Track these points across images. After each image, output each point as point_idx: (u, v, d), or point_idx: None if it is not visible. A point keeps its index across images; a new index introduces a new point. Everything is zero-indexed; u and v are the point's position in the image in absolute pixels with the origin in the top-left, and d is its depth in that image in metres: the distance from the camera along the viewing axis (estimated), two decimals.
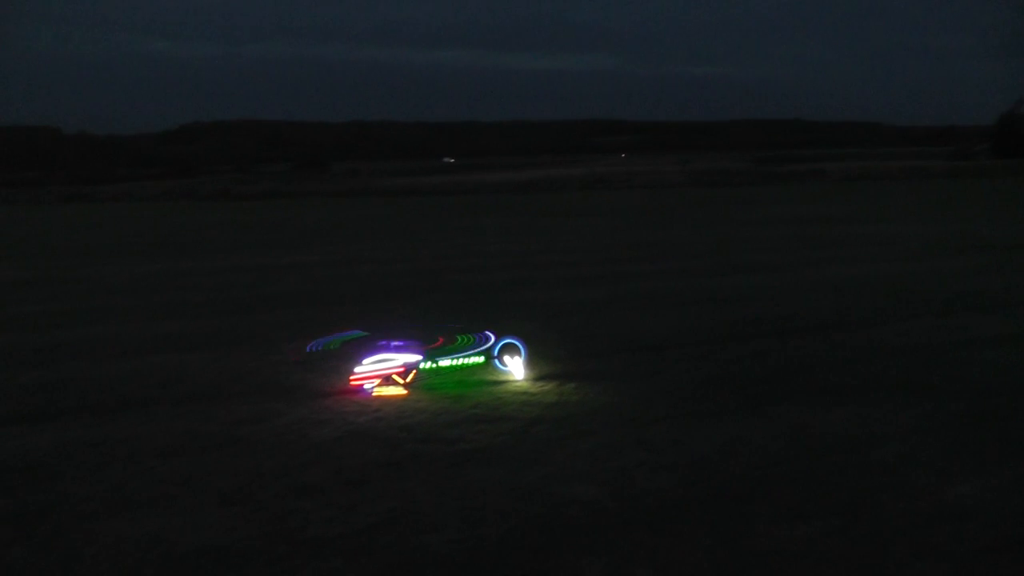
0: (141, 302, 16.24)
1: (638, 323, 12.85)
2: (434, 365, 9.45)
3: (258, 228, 33.82)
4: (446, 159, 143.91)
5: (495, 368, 9.86)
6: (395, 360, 9.31)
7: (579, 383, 9.43)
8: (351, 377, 9.27)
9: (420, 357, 9.45)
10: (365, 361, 9.28)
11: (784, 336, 11.40)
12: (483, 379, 9.75)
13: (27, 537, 5.88)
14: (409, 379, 9.31)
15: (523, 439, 7.62)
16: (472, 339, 10.13)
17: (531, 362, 10.27)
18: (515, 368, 9.75)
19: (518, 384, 9.49)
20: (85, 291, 17.68)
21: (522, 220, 35.13)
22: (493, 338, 9.97)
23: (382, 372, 9.23)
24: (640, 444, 7.38)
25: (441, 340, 10.22)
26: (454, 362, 9.54)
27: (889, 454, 6.95)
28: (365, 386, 9.20)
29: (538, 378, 9.66)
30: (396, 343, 9.61)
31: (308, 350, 9.79)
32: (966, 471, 6.55)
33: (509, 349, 9.78)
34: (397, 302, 15.67)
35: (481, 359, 9.68)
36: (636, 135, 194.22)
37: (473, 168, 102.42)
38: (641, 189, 56.57)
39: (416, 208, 44.38)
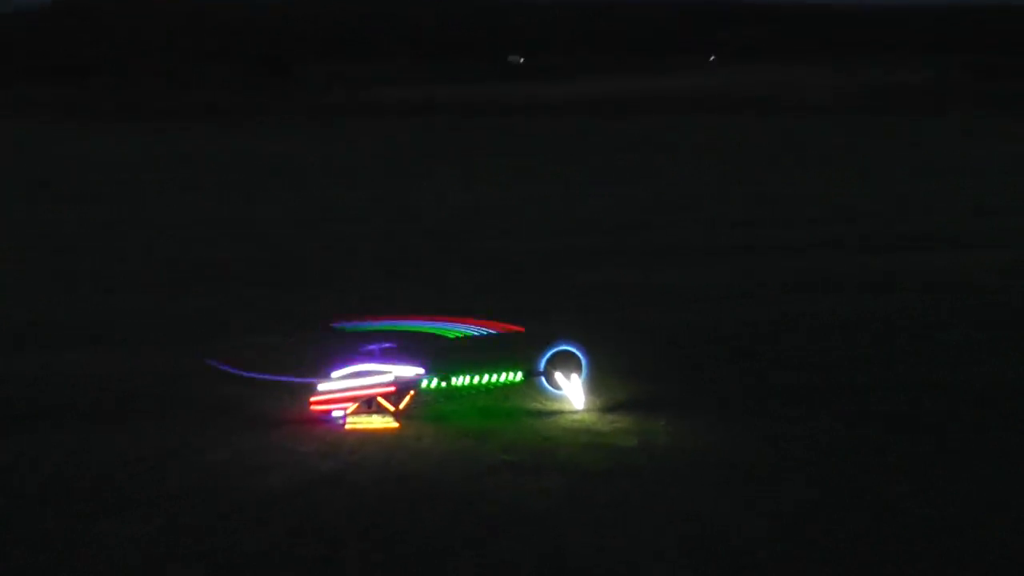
0: (13, 271, 16.46)
1: (765, 321, 12.78)
2: (444, 384, 9.43)
3: (188, 164, 34.15)
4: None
5: (540, 390, 9.82)
6: (382, 373, 9.27)
7: (674, 417, 9.31)
8: (312, 398, 9.23)
9: (422, 371, 9.39)
10: (334, 374, 9.23)
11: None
12: (520, 407, 9.65)
13: None
14: (404, 404, 9.26)
15: (582, 503, 7.54)
16: (499, 340, 10.06)
17: (597, 382, 10.16)
18: (572, 391, 9.70)
19: (575, 416, 9.41)
20: None
21: (591, 157, 35.11)
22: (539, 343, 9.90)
23: (361, 392, 9.19)
24: (768, 518, 7.25)
25: (456, 344, 10.16)
26: (476, 380, 9.49)
27: None
28: (333, 413, 9.15)
29: (608, 408, 9.58)
30: (383, 346, 9.52)
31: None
32: None
33: (563, 361, 9.70)
34: (393, 281, 15.67)
35: (519, 376, 9.62)
36: (764, 25, 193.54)
37: (526, 75, 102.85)
38: (773, 113, 56.28)
39: (432, 136, 44.55)
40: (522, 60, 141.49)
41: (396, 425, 9.09)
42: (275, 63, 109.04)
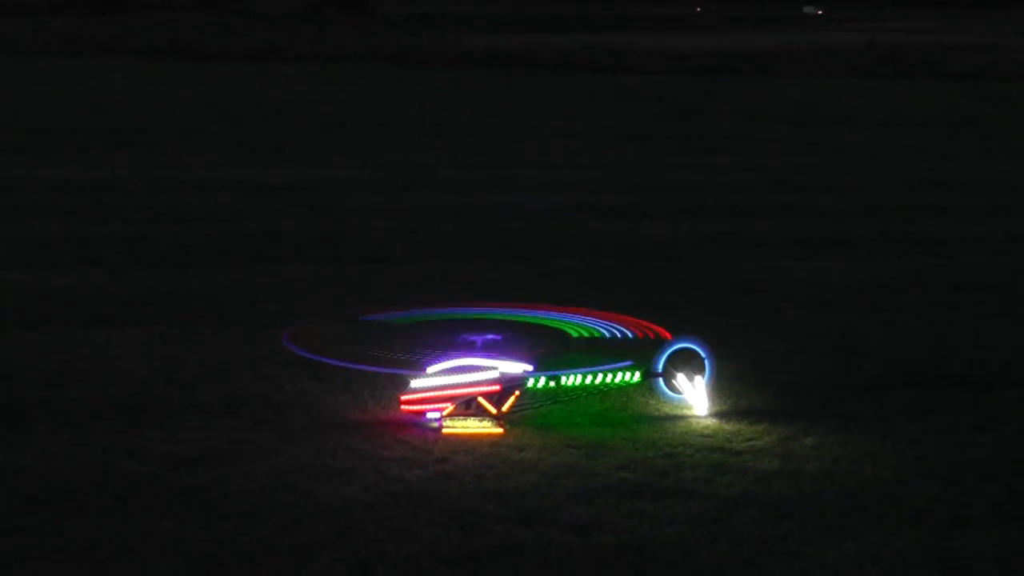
0: (30, 235, 16.88)
1: (940, 332, 12.86)
2: (552, 384, 9.62)
3: (238, 115, 34.59)
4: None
5: (659, 394, 9.99)
6: (484, 371, 9.49)
7: (823, 432, 9.42)
8: (403, 397, 9.49)
9: (529, 368, 9.61)
10: (429, 369, 9.48)
11: None
12: (639, 412, 9.85)
13: None
14: (508, 406, 9.48)
15: (717, 534, 7.61)
16: (623, 339, 10.21)
17: (725, 387, 10.29)
18: (695, 396, 9.86)
19: (704, 430, 9.55)
20: None
21: (738, 125, 34.94)
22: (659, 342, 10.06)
23: (460, 391, 9.42)
24: (942, 563, 7.28)
25: (568, 341, 10.34)
26: (589, 380, 9.68)
27: None
28: (428, 415, 9.42)
29: (741, 418, 9.72)
30: (487, 337, 9.77)
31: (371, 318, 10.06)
32: None
33: (686, 361, 9.89)
34: (486, 263, 15.85)
35: (636, 376, 9.81)
36: None
37: (645, 23, 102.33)
38: (965, 78, 55.42)
39: (541, 95, 44.60)
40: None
41: (500, 431, 9.27)
42: None
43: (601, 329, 10.62)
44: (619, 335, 10.40)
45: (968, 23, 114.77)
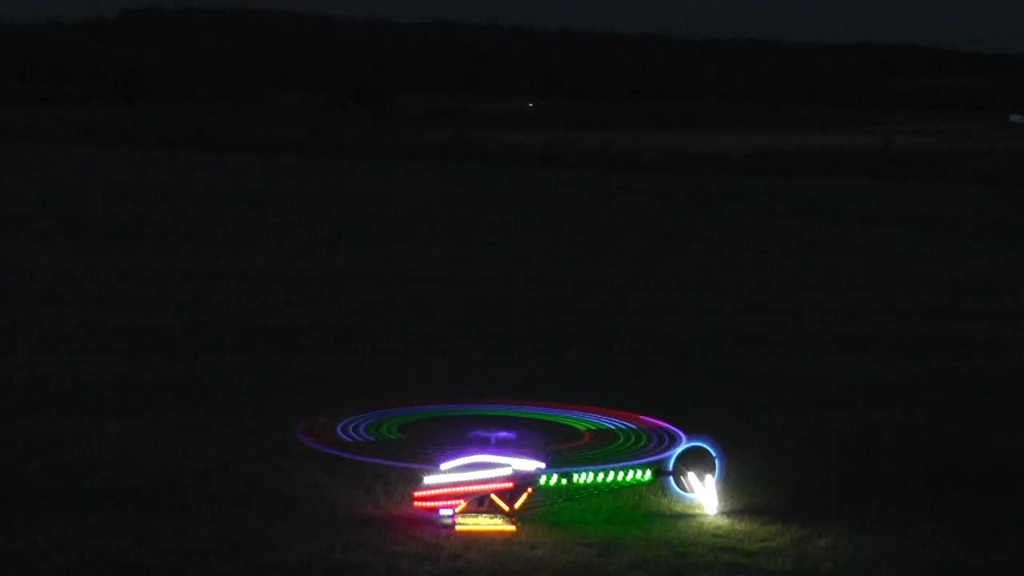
0: (45, 318, 16.94)
1: (960, 433, 12.79)
2: (565, 481, 9.60)
3: (261, 205, 34.82)
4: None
5: (670, 492, 9.96)
6: (497, 468, 9.48)
7: (838, 533, 9.34)
8: (416, 493, 9.47)
9: (542, 465, 9.59)
10: (443, 466, 9.48)
11: None
12: (652, 511, 9.81)
13: None
14: (520, 503, 9.45)
15: None
16: (636, 439, 10.18)
17: (739, 485, 10.26)
18: (704, 494, 9.82)
19: (716, 524, 9.48)
20: None
21: (758, 224, 35.07)
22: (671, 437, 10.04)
23: (473, 488, 9.40)
24: None
25: (585, 437, 10.33)
26: (601, 477, 9.66)
27: None
28: (441, 511, 9.38)
29: (755, 515, 9.67)
30: (500, 435, 9.76)
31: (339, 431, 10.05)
32: None
33: (696, 459, 9.86)
34: (504, 361, 15.87)
35: (647, 474, 9.78)
36: (975, 78, 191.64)
37: (667, 124, 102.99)
38: (982, 182, 55.60)
39: (563, 192, 44.81)
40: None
41: (513, 528, 9.23)
42: (366, 91, 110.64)
43: (612, 426, 10.60)
44: (633, 437, 10.36)
45: (982, 127, 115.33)
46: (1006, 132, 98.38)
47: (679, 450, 9.87)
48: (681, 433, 10.17)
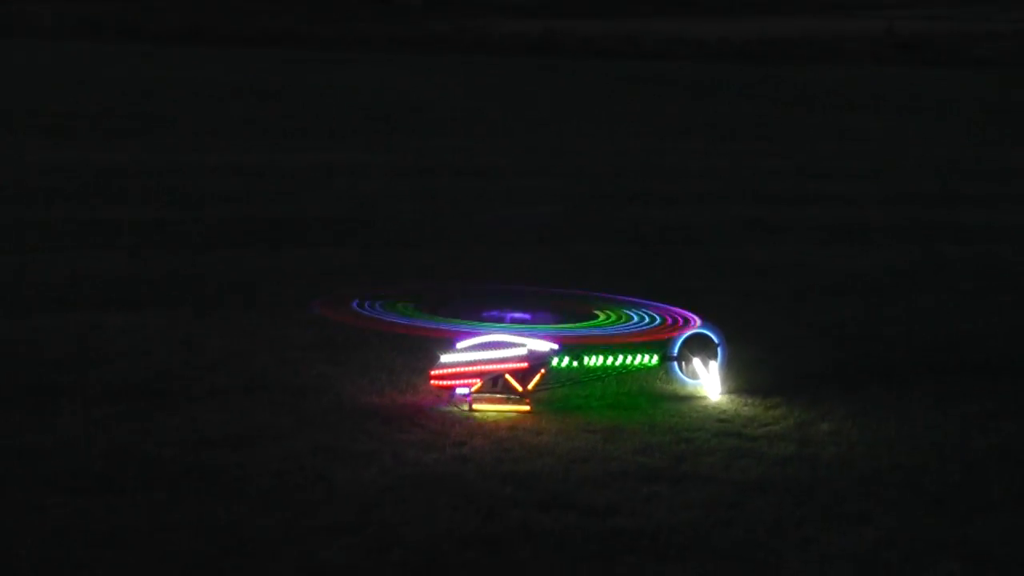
0: (43, 215, 16.97)
1: (960, 319, 12.84)
2: (575, 363, 9.67)
3: (257, 98, 34.66)
4: None
5: (675, 377, 10.04)
6: (513, 347, 9.50)
7: (841, 418, 9.43)
8: (433, 372, 9.52)
9: (555, 347, 9.63)
10: (459, 345, 9.50)
11: None
12: (656, 396, 9.90)
13: None
14: (533, 384, 9.51)
15: (733, 519, 7.63)
16: (651, 320, 10.24)
17: (743, 372, 10.33)
18: (709, 380, 9.91)
19: (720, 409, 9.57)
20: None
21: (759, 112, 34.92)
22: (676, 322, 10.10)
23: (489, 367, 9.42)
24: (961, 548, 7.25)
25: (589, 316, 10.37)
26: (610, 361, 9.73)
27: None
28: (457, 390, 9.44)
29: (758, 401, 9.75)
30: (515, 315, 9.78)
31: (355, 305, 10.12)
32: None
33: (699, 346, 9.92)
34: (512, 252, 15.88)
35: (654, 359, 9.86)
36: None
37: (670, 9, 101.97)
38: (987, 65, 55.18)
39: (554, 80, 44.57)
40: None
41: (527, 408, 9.32)
42: None
43: (629, 313, 10.61)
44: (647, 318, 10.40)
45: (987, 9, 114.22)
46: (1010, 16, 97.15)
47: (684, 337, 9.92)
48: (695, 317, 10.22)
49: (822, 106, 37.19)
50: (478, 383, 9.39)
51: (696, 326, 10.00)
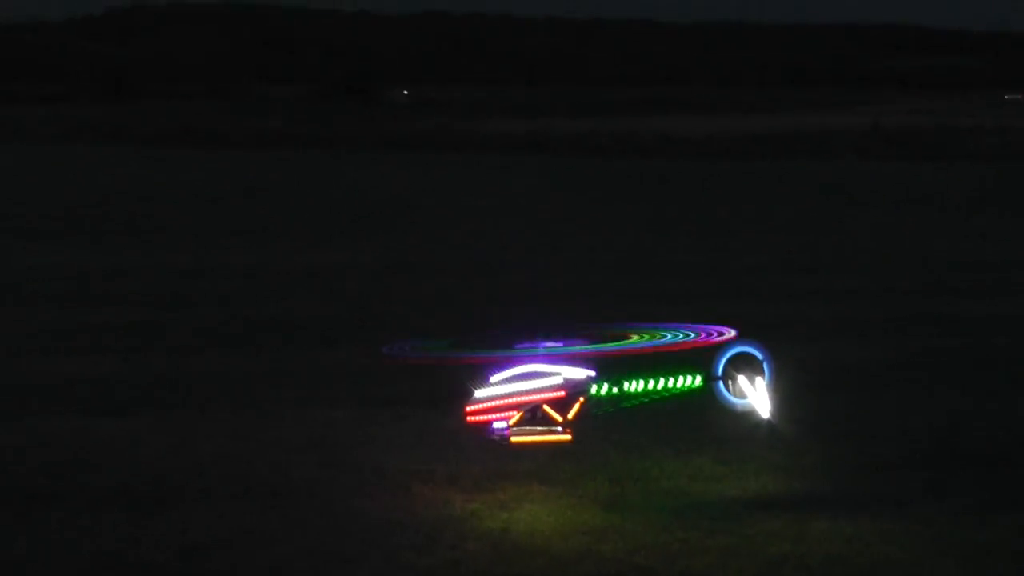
0: (33, 318, 16.94)
1: (956, 411, 12.81)
2: (616, 389, 9.57)
3: (248, 200, 34.82)
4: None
5: (720, 398, 9.94)
6: (548, 378, 9.40)
7: (836, 514, 9.38)
8: (468, 407, 9.46)
9: (592, 373, 9.54)
10: (494, 378, 9.43)
11: None
12: (649, 489, 9.81)
13: None
14: (573, 413, 9.41)
15: None
16: (685, 335, 10.16)
17: (737, 469, 10.28)
18: (757, 397, 9.80)
19: (715, 506, 9.47)
20: None
21: (748, 207, 35.11)
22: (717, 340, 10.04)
23: (526, 399, 9.34)
24: None
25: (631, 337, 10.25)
26: (651, 385, 9.62)
27: None
28: (494, 424, 9.37)
29: (753, 498, 9.68)
30: (549, 343, 9.64)
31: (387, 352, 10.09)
32: None
33: (744, 364, 9.84)
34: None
35: (697, 380, 9.76)
36: (950, 57, 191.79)
37: (659, 108, 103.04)
38: (972, 160, 55.63)
39: (546, 176, 44.85)
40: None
41: (568, 437, 9.22)
42: (353, 83, 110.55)
43: (663, 332, 10.52)
44: (681, 335, 10.30)
45: (969, 106, 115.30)
46: (997, 111, 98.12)
47: (727, 355, 9.85)
48: (730, 329, 10.16)
49: (810, 200, 37.37)
50: (515, 416, 9.30)
51: (732, 337, 9.92)
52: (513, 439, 9.26)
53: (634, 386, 9.56)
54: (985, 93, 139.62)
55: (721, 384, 9.81)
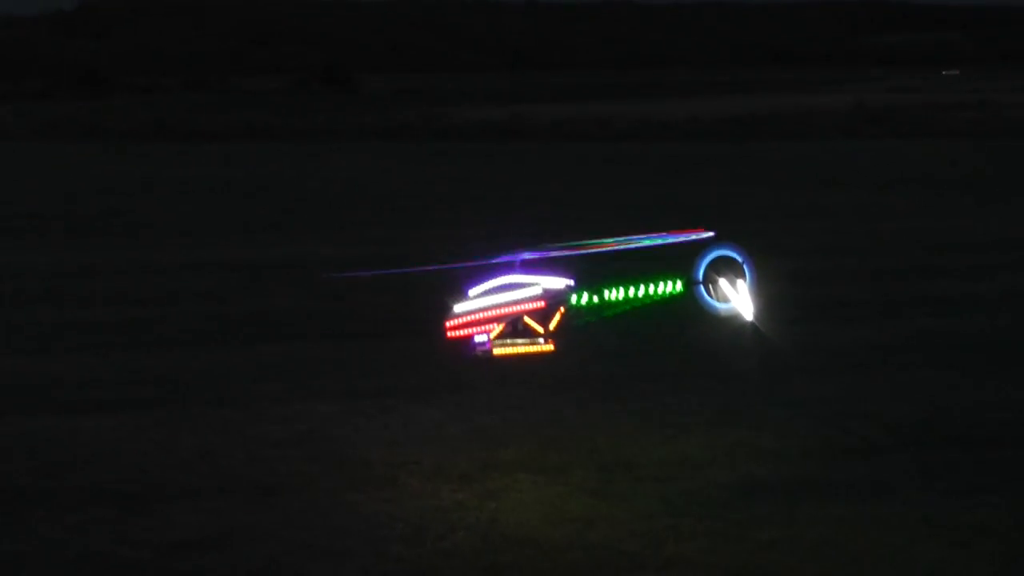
0: (20, 322, 16.90)
1: (941, 393, 12.86)
2: (596, 298, 9.53)
3: (229, 193, 34.74)
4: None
5: (702, 302, 9.91)
6: (527, 288, 9.36)
7: (825, 497, 9.45)
8: (448, 323, 9.43)
9: (571, 283, 9.51)
10: (472, 291, 9.41)
11: None
12: (635, 474, 9.84)
13: None
14: (554, 324, 9.38)
15: None
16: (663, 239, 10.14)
17: (723, 454, 10.32)
18: (739, 300, 9.77)
19: (702, 492, 9.48)
20: None
21: (730, 189, 35.12)
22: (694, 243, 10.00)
23: (506, 311, 9.31)
24: None
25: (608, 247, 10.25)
26: (632, 292, 9.58)
27: None
28: (475, 339, 9.34)
29: (740, 484, 9.71)
30: (527, 255, 9.62)
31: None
32: None
33: (724, 267, 9.82)
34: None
35: (678, 286, 9.74)
36: (935, 32, 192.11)
37: (637, 92, 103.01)
38: (965, 137, 55.67)
39: (527, 162, 44.81)
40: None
41: (551, 348, 9.19)
42: (330, 73, 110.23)
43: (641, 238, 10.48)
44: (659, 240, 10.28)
45: (951, 82, 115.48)
46: (981, 85, 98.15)
47: (707, 259, 9.85)
48: (708, 232, 10.13)
49: (794, 182, 37.34)
50: (497, 328, 9.27)
51: (705, 233, 9.92)
52: (495, 351, 9.22)
53: (614, 294, 9.52)
54: (969, 68, 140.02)
55: (703, 288, 9.79)
